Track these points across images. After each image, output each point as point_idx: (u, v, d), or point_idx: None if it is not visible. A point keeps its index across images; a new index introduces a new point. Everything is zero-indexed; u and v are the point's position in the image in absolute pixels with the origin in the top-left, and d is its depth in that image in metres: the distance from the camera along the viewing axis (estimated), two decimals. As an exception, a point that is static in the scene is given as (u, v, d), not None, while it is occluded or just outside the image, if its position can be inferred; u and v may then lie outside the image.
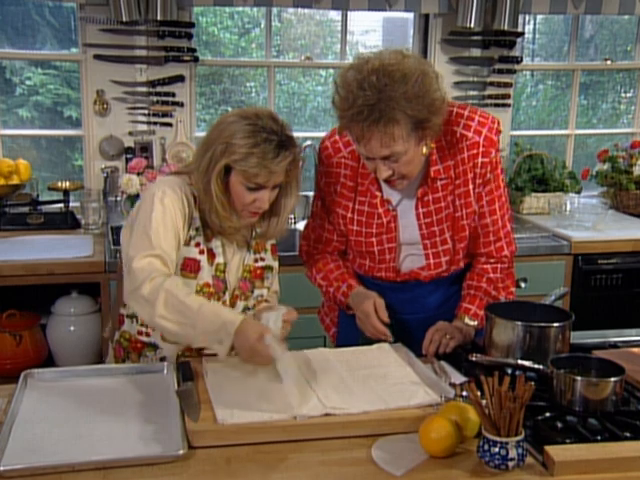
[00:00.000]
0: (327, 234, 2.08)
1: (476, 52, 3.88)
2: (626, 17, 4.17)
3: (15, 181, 3.37)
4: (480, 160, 1.89)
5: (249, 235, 1.93)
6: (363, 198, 1.98)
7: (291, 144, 1.77)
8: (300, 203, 3.76)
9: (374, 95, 1.68)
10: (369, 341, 1.95)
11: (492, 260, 2.03)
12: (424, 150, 1.82)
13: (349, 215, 2.00)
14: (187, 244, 1.83)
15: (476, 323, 1.99)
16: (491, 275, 2.03)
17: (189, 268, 1.83)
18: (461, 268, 2.07)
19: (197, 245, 1.84)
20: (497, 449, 1.36)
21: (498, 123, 1.92)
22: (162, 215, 1.76)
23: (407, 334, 1.97)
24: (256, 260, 1.94)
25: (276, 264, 2.00)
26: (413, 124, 1.72)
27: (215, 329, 1.63)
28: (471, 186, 1.92)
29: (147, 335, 1.91)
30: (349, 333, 2.10)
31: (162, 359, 1.89)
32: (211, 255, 1.86)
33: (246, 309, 1.93)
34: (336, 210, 2.02)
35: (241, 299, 1.92)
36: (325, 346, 2.05)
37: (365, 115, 1.68)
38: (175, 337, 1.75)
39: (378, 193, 1.95)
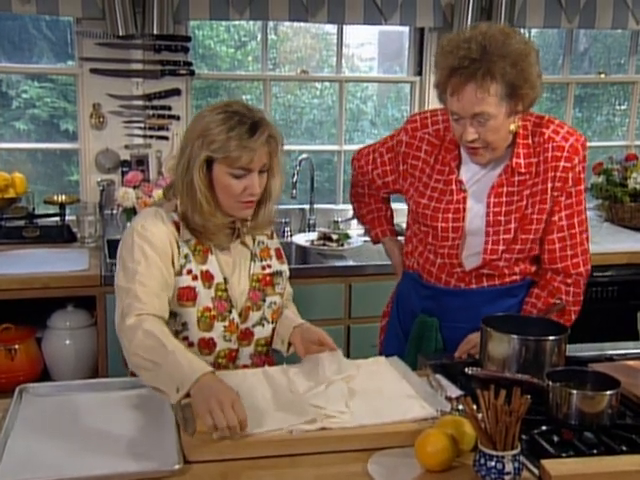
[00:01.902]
0: (376, 172, 2.21)
1: (471, 65, 3.89)
2: (619, 31, 4.19)
3: (11, 194, 3.37)
4: (562, 164, 1.95)
5: (240, 229, 1.89)
6: (439, 177, 2.03)
7: (265, 123, 1.76)
8: (295, 214, 3.76)
9: (478, 50, 1.79)
10: None
11: (569, 281, 2.03)
12: (512, 127, 1.89)
13: (420, 187, 2.06)
14: (179, 274, 1.80)
15: None
16: (563, 296, 2.04)
17: (185, 297, 1.81)
18: (517, 280, 2.07)
19: (189, 272, 1.81)
20: (493, 463, 1.36)
21: (585, 139, 1.99)
22: (143, 257, 1.75)
23: (457, 343, 2.01)
24: (263, 268, 1.93)
25: (285, 267, 1.98)
26: (508, 88, 1.80)
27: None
28: (549, 184, 1.96)
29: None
30: (393, 347, 2.19)
31: None
32: (207, 277, 1.83)
33: (262, 320, 1.91)
34: (408, 179, 2.09)
35: (253, 310, 1.89)
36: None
37: (466, 65, 1.79)
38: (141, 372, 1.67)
39: (456, 170, 2.01)
